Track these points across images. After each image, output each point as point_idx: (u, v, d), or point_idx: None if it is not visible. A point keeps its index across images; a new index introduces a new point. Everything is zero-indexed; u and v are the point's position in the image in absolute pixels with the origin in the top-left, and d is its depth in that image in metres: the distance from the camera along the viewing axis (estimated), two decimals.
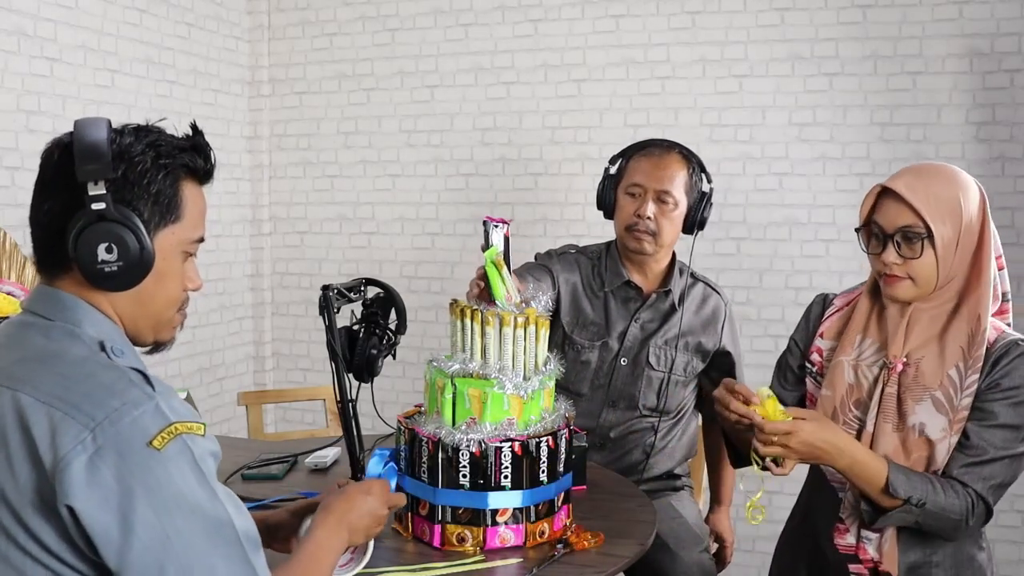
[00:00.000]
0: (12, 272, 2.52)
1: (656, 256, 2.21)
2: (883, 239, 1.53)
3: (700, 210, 2.20)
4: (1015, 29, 2.93)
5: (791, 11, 3.12)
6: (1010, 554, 2.89)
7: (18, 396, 1.01)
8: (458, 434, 1.56)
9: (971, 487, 1.48)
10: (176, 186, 1.12)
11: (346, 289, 1.92)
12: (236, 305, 3.72)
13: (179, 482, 0.98)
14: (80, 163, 1.05)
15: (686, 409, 2.31)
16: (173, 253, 1.13)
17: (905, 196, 1.49)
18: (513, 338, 1.61)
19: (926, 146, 3.01)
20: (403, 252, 3.64)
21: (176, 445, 0.99)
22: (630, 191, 2.18)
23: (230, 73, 3.66)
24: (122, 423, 0.97)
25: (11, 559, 0.99)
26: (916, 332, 1.55)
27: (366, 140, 3.66)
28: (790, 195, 3.17)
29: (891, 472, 1.47)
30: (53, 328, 1.07)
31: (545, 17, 3.38)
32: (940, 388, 1.51)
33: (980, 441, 1.49)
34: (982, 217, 1.53)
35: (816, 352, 1.69)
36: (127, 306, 1.12)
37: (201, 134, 1.17)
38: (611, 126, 3.31)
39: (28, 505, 0.98)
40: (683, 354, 2.22)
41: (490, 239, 1.68)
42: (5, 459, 0.99)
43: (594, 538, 1.59)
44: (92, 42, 2.99)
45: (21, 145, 2.75)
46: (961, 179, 1.53)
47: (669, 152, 2.20)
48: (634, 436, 2.22)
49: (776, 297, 3.19)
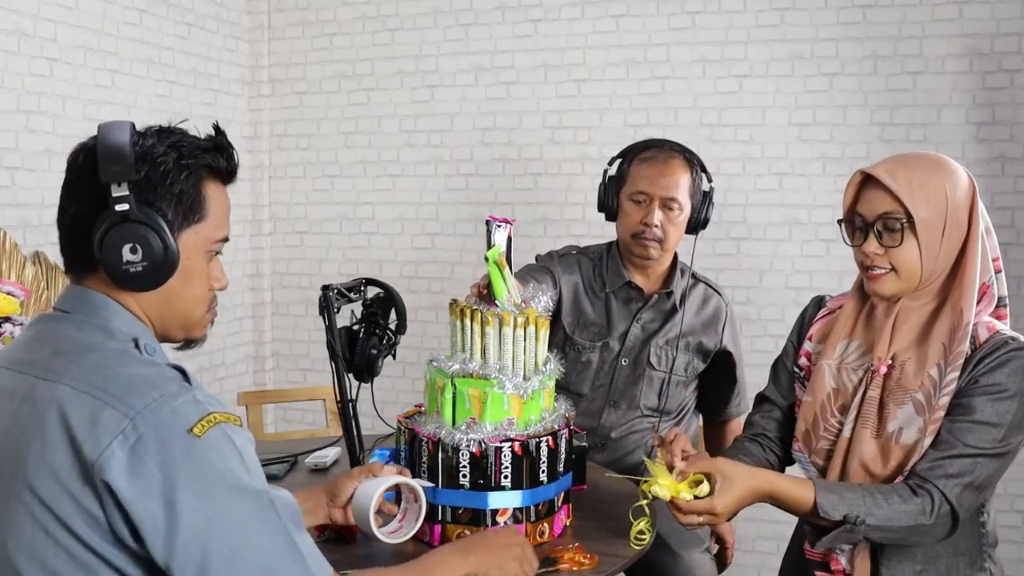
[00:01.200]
0: (12, 272, 2.52)
1: (660, 259, 2.21)
2: (865, 229, 1.48)
3: (703, 211, 2.20)
4: (1015, 29, 2.93)
5: (791, 11, 3.13)
6: (1010, 554, 2.89)
7: (56, 387, 1.03)
8: (458, 434, 1.56)
9: (932, 483, 1.38)
10: (199, 186, 1.14)
11: (346, 289, 1.93)
12: (236, 305, 3.72)
13: (220, 466, 1.00)
14: (103, 165, 1.07)
15: (687, 410, 2.30)
16: (198, 253, 1.15)
17: (885, 182, 1.43)
18: (513, 338, 1.61)
19: (926, 146, 3.01)
20: (403, 252, 3.64)
21: (216, 432, 1.01)
22: (635, 199, 2.16)
23: (230, 73, 3.66)
24: (162, 412, 0.99)
25: (36, 548, 1.00)
26: (903, 332, 1.49)
27: (366, 140, 3.66)
28: (790, 195, 3.17)
29: (819, 495, 1.39)
30: (86, 324, 1.10)
31: (545, 17, 3.38)
32: (920, 389, 1.44)
33: (949, 436, 1.40)
34: (970, 206, 1.46)
35: (804, 356, 1.65)
36: (154, 306, 1.14)
37: (223, 134, 1.19)
38: (611, 126, 3.31)
39: (62, 493, 0.99)
40: (684, 354, 2.22)
41: (493, 239, 1.68)
42: (39, 449, 1.00)
43: (589, 560, 1.51)
44: (92, 42, 2.99)
45: (21, 145, 2.75)
46: (947, 166, 1.46)
47: (672, 157, 2.18)
48: (635, 437, 2.22)
49: (776, 297, 3.19)
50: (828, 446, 1.54)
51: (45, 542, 1.00)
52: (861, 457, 1.47)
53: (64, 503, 0.99)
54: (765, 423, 1.71)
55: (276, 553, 1.01)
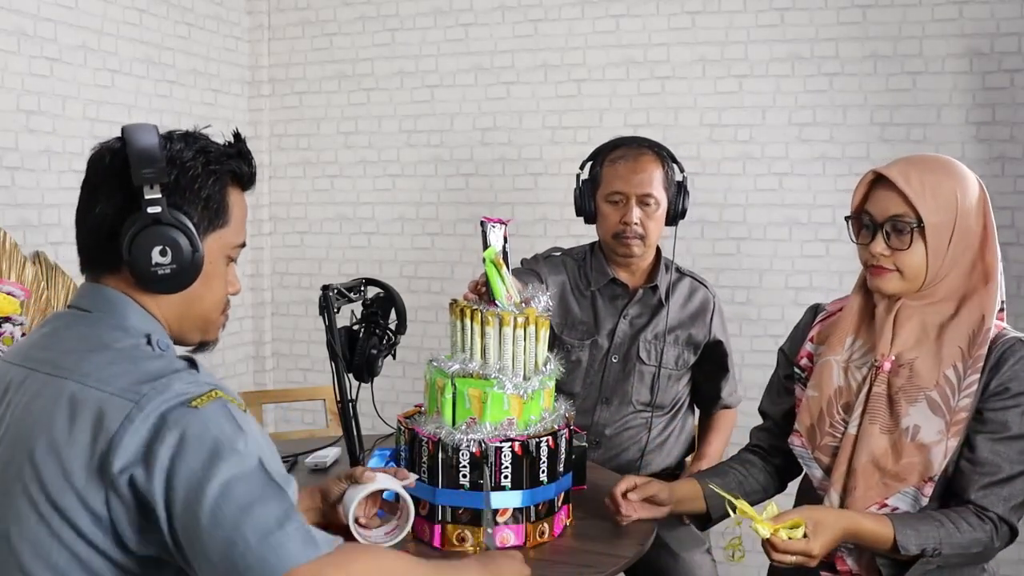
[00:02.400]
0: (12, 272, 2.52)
1: (643, 255, 2.22)
2: (873, 228, 1.49)
3: (679, 202, 2.22)
4: (1015, 29, 2.93)
5: (791, 11, 3.13)
6: (1010, 554, 2.88)
7: (67, 384, 1.04)
8: (458, 434, 1.56)
9: (991, 511, 1.42)
10: (223, 192, 1.16)
11: (346, 289, 1.93)
12: (236, 305, 3.69)
13: (216, 433, 0.99)
14: (136, 167, 1.08)
15: (681, 404, 2.31)
16: (219, 257, 1.17)
17: (898, 184, 1.44)
18: (513, 338, 1.61)
19: (926, 146, 3.01)
20: (403, 252, 3.64)
21: (215, 404, 1.01)
22: (611, 199, 2.19)
23: (230, 73, 3.66)
24: (165, 393, 1.01)
25: (40, 543, 1.01)
26: (907, 330, 1.50)
27: (366, 140, 3.66)
28: (790, 195, 3.17)
29: (897, 531, 1.40)
30: (100, 321, 1.11)
31: (545, 17, 3.38)
32: (936, 388, 1.45)
33: (994, 457, 1.42)
34: (983, 213, 1.48)
35: (805, 356, 1.66)
36: (174, 308, 1.16)
37: (244, 141, 1.22)
38: (611, 126, 3.31)
39: (68, 490, 0.99)
40: (673, 347, 2.23)
41: (488, 239, 1.68)
42: (48, 445, 1.01)
43: None
44: (92, 42, 2.99)
45: (21, 145, 2.74)
46: (958, 171, 1.48)
47: (642, 153, 2.20)
48: (629, 433, 2.23)
49: (776, 297, 3.19)
50: (833, 442, 1.54)
51: (49, 538, 1.00)
52: (872, 453, 1.48)
53: (70, 500, 0.99)
54: (760, 435, 1.78)
55: (274, 517, 0.98)
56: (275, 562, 0.95)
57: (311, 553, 0.98)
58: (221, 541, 0.95)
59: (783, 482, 1.76)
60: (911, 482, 1.46)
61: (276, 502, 0.99)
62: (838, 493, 1.52)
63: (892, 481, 1.47)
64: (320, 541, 1.00)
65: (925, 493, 1.45)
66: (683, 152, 3.22)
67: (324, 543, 1.00)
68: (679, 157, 2.27)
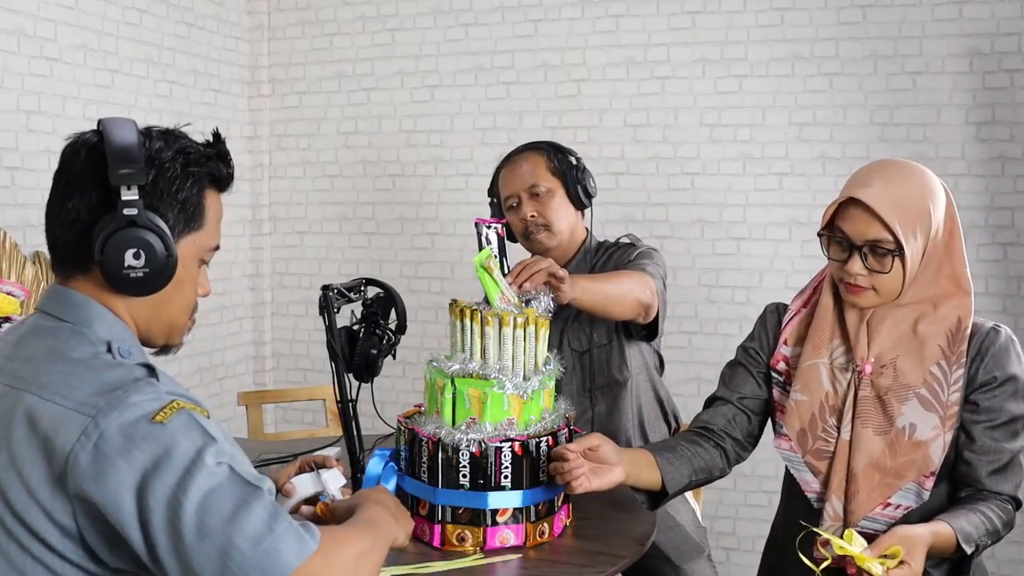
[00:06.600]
0: (12, 272, 2.52)
1: (561, 246, 2.19)
2: (848, 247, 1.48)
3: (577, 181, 2.18)
4: (1015, 29, 2.93)
5: (791, 11, 3.13)
6: (1011, 554, 2.88)
7: (24, 396, 1.01)
8: (458, 434, 1.56)
9: (1004, 494, 1.47)
10: (201, 194, 1.13)
11: (346, 289, 1.92)
12: (236, 305, 3.72)
13: (187, 447, 0.97)
14: (114, 166, 1.04)
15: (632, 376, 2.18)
16: (192, 260, 1.14)
17: (876, 210, 1.42)
18: (513, 338, 1.61)
19: (926, 146, 3.01)
20: (403, 252, 3.64)
21: (180, 416, 0.99)
22: (509, 205, 2.20)
23: (230, 73, 3.66)
24: (122, 407, 0.98)
25: (12, 558, 0.99)
26: (882, 333, 1.51)
27: (366, 140, 3.66)
28: (790, 195, 3.17)
29: (958, 535, 1.39)
30: (61, 328, 1.08)
31: (545, 17, 3.38)
32: (924, 385, 1.47)
33: (994, 443, 1.47)
34: (951, 218, 1.49)
35: (782, 360, 1.64)
36: (143, 310, 1.12)
37: (223, 141, 1.17)
38: (611, 126, 3.31)
39: (33, 505, 0.98)
40: (601, 323, 2.14)
41: (483, 241, 1.68)
42: (8, 460, 0.99)
43: None
44: (92, 42, 2.99)
45: (21, 145, 2.75)
46: (929, 185, 1.48)
47: (519, 153, 2.23)
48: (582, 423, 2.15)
49: (776, 297, 3.13)
50: (825, 447, 1.54)
51: (21, 554, 0.99)
52: (869, 456, 1.49)
53: (36, 516, 0.98)
54: (710, 417, 1.70)
55: (261, 521, 0.97)
56: (274, 568, 0.95)
57: (305, 551, 0.97)
58: (213, 554, 0.94)
59: (730, 465, 1.71)
60: (911, 478, 1.47)
61: (259, 504, 0.97)
62: (840, 499, 1.52)
63: (892, 480, 1.48)
64: (307, 535, 0.99)
65: (926, 487, 1.47)
66: (683, 152, 3.24)
67: (311, 536, 1.00)
68: (679, 157, 2.27)
